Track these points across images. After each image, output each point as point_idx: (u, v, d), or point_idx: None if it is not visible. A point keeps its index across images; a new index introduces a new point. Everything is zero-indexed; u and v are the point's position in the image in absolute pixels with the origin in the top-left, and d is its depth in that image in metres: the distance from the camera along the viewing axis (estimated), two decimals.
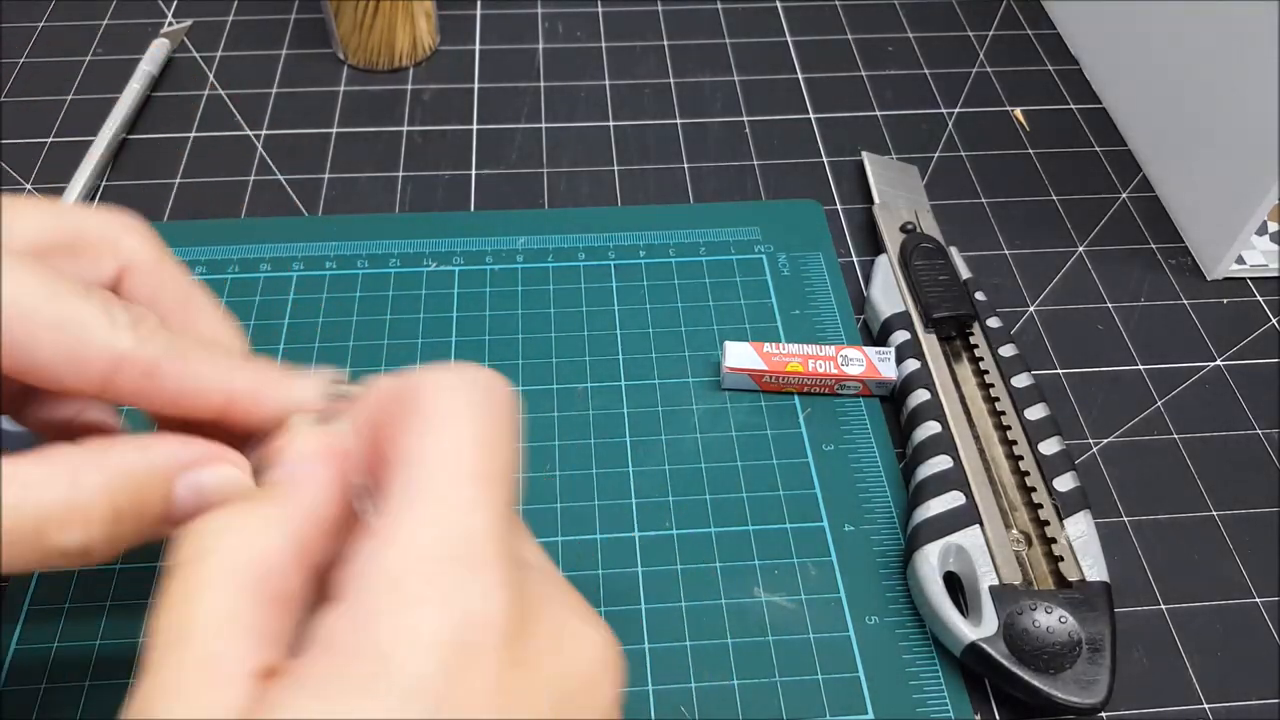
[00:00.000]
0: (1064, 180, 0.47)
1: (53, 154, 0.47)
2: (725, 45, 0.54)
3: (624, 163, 0.47)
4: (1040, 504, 0.33)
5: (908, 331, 0.38)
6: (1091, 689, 0.29)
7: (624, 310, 0.40)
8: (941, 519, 0.32)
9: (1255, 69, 0.39)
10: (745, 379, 0.38)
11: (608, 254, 0.43)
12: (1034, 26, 0.56)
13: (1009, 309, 0.42)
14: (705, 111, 0.50)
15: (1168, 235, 0.45)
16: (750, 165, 0.48)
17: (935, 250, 0.40)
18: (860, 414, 0.37)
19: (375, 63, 0.51)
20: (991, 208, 0.46)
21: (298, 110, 0.49)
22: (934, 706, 0.30)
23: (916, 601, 0.32)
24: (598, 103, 0.51)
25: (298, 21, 0.55)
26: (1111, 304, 0.42)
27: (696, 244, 0.43)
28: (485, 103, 0.50)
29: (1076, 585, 0.31)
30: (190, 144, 0.48)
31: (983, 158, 0.48)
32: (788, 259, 0.43)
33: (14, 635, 0.31)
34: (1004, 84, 0.52)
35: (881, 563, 0.33)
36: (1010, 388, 0.36)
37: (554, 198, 0.46)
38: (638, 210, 0.45)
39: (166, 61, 0.51)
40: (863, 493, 0.35)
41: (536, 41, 0.54)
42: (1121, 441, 0.37)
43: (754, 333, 0.40)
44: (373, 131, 0.48)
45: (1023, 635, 0.30)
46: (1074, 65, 0.53)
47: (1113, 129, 0.50)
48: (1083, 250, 0.44)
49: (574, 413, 0.37)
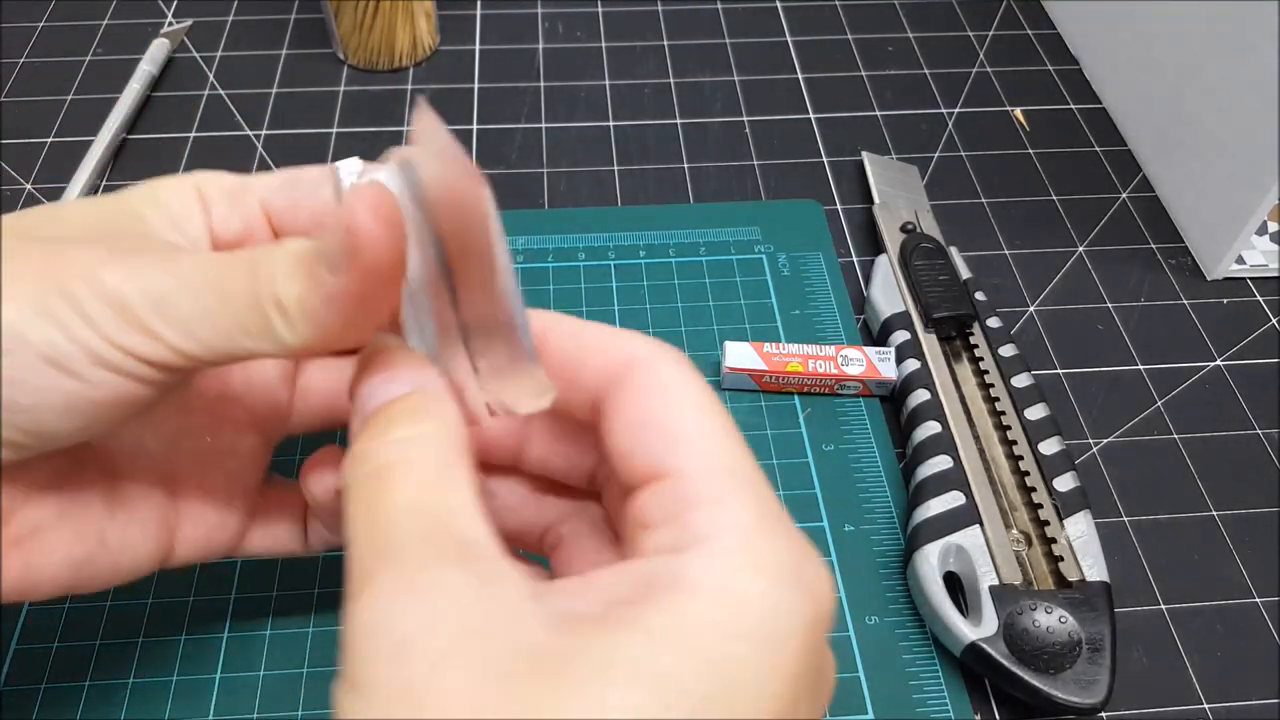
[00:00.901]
0: (1064, 180, 0.47)
1: (53, 154, 0.47)
2: (725, 45, 0.54)
3: (624, 163, 0.47)
4: (1040, 504, 0.33)
5: (908, 331, 0.38)
6: (1091, 689, 0.29)
7: (624, 310, 0.40)
8: (941, 519, 0.32)
9: (1255, 69, 0.39)
10: (745, 379, 0.38)
11: (608, 254, 0.43)
12: (1034, 26, 0.56)
13: (1009, 309, 0.42)
14: (705, 111, 0.50)
15: (1168, 235, 0.45)
16: (750, 165, 0.48)
17: (935, 250, 0.40)
18: (860, 414, 0.37)
19: (375, 63, 0.51)
20: (991, 208, 0.46)
21: (298, 110, 0.49)
22: (934, 706, 0.30)
23: (916, 601, 0.32)
24: (598, 103, 0.51)
25: (298, 21, 0.55)
26: (1111, 304, 0.42)
27: (696, 244, 0.43)
28: (485, 103, 0.50)
29: (1076, 585, 0.31)
30: (190, 144, 0.48)
31: (983, 158, 0.48)
32: (788, 259, 0.43)
33: (14, 635, 0.31)
34: (1004, 84, 0.52)
35: (881, 563, 0.33)
36: (1010, 388, 0.36)
37: (554, 198, 0.46)
38: (638, 210, 0.45)
39: (166, 61, 0.51)
40: (863, 493, 0.35)
41: (536, 41, 0.54)
42: (1121, 441, 0.37)
43: (754, 333, 0.40)
44: (373, 131, 0.48)
45: (1023, 635, 0.30)
46: (1074, 65, 0.53)
47: (1113, 129, 0.50)
48: (1083, 250, 0.44)
49: None
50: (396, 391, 0.20)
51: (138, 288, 0.19)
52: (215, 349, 0.19)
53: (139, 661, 0.30)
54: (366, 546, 0.17)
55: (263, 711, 0.30)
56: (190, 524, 0.25)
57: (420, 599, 0.16)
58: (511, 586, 0.16)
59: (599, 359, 0.20)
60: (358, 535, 0.17)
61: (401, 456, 0.18)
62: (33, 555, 0.21)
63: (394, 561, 0.16)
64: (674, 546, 0.17)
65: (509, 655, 0.15)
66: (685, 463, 0.18)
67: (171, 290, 0.19)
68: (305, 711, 0.30)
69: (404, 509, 0.17)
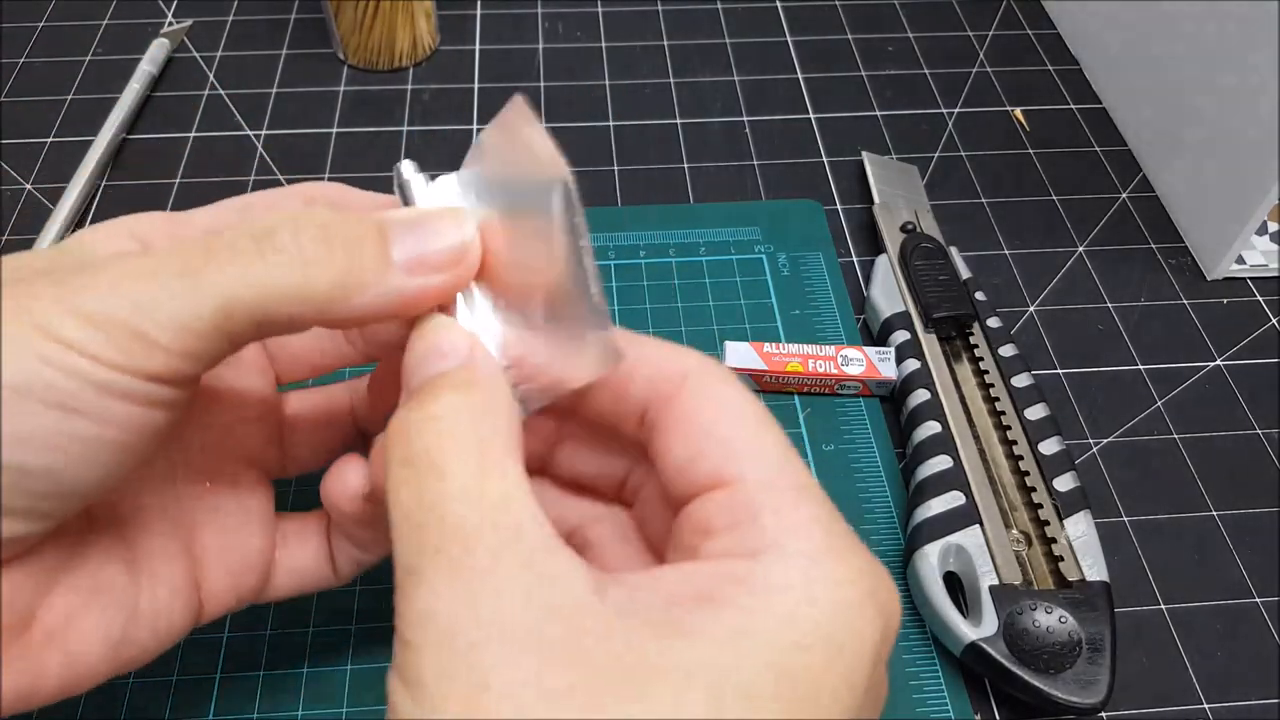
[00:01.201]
0: (1064, 180, 0.47)
1: (53, 154, 0.47)
2: (725, 45, 0.54)
3: (624, 163, 0.47)
4: (1040, 504, 0.33)
5: (908, 331, 0.38)
6: (1091, 689, 0.29)
7: (624, 310, 0.40)
8: (941, 519, 0.32)
9: (1255, 69, 0.39)
10: (745, 379, 0.38)
11: (608, 254, 0.43)
12: (1034, 26, 0.56)
13: (1009, 309, 0.42)
14: (705, 111, 0.50)
15: (1168, 235, 0.45)
16: (750, 165, 0.48)
17: (935, 250, 0.40)
18: (860, 414, 0.37)
19: (375, 63, 0.51)
20: (991, 208, 0.46)
21: (298, 110, 0.49)
22: (934, 706, 0.30)
23: (916, 601, 0.32)
24: (598, 103, 0.51)
25: (298, 21, 0.55)
26: (1111, 304, 0.42)
27: (696, 244, 0.43)
28: (485, 103, 0.50)
29: (1076, 585, 0.31)
30: (190, 144, 0.48)
31: (983, 158, 0.48)
32: (788, 259, 0.43)
33: None
34: (1004, 84, 0.52)
35: (881, 562, 0.33)
36: (1010, 388, 0.36)
37: None
38: (638, 210, 0.45)
39: (166, 61, 0.51)
40: (863, 493, 0.35)
41: (536, 41, 0.54)
42: (1121, 441, 0.37)
43: (754, 333, 0.40)
44: (373, 131, 0.48)
45: (1023, 635, 0.30)
46: (1074, 65, 0.53)
47: (1113, 129, 0.50)
48: (1083, 250, 0.44)
49: None
50: (444, 366, 0.19)
51: (118, 300, 0.17)
52: (217, 330, 0.18)
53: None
54: (415, 539, 0.16)
55: (263, 711, 0.30)
56: (214, 574, 0.24)
57: (481, 593, 0.15)
58: (574, 579, 0.16)
59: (650, 370, 0.20)
60: (405, 525, 0.17)
61: (450, 435, 0.17)
62: (71, 644, 0.20)
63: (447, 555, 0.16)
64: (744, 550, 0.17)
65: (575, 653, 0.15)
66: (751, 471, 0.18)
67: (150, 289, 0.18)
68: (305, 711, 0.30)
69: (454, 496, 0.16)
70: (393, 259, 0.19)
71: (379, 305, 0.19)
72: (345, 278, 0.19)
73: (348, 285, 0.19)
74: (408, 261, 0.19)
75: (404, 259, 0.19)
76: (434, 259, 0.20)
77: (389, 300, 0.19)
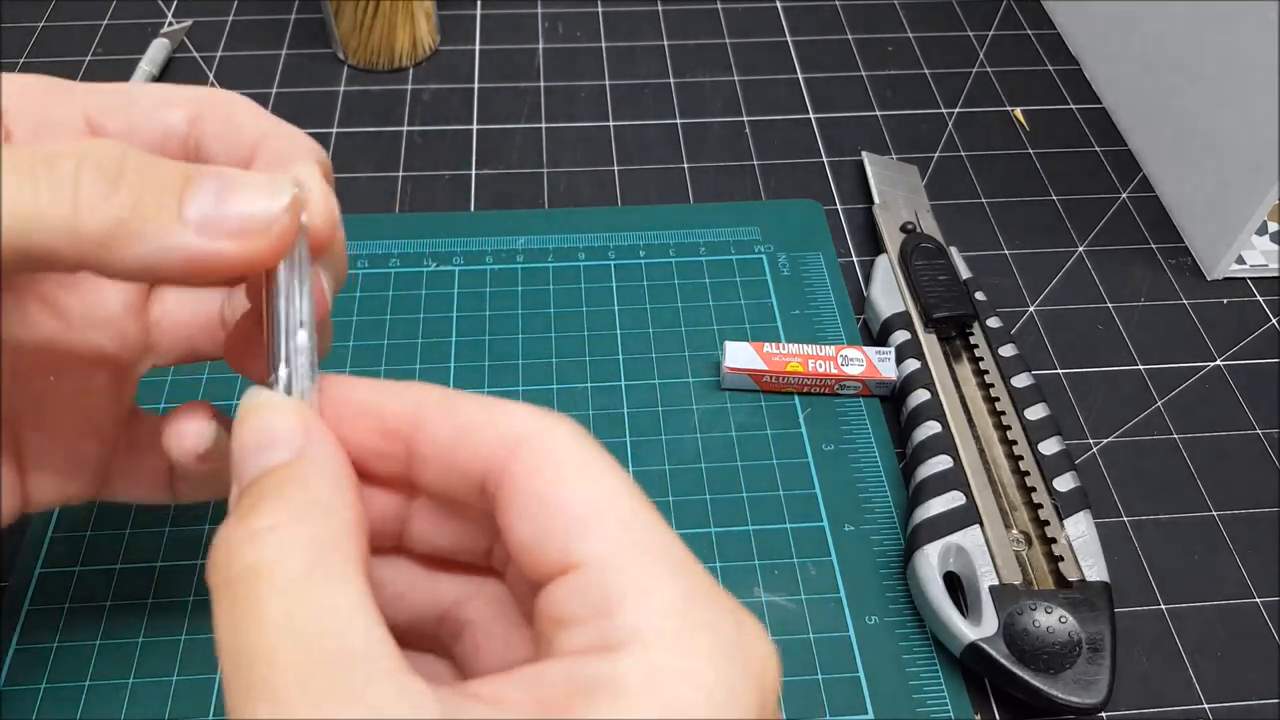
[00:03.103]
0: (1064, 180, 0.47)
1: None
2: (725, 45, 0.54)
3: (624, 163, 0.47)
4: (1040, 504, 0.33)
5: (908, 331, 0.38)
6: (1091, 689, 0.29)
7: (624, 310, 0.40)
8: (941, 519, 0.32)
9: (1255, 69, 0.39)
10: (745, 379, 0.38)
11: (608, 254, 0.43)
12: (1034, 26, 0.56)
13: (1009, 309, 0.42)
14: (705, 111, 0.50)
15: (1168, 235, 0.45)
16: (750, 165, 0.48)
17: (935, 250, 0.40)
18: (860, 414, 0.37)
19: (375, 63, 0.51)
20: (991, 208, 0.46)
21: (298, 110, 0.49)
22: (934, 706, 0.30)
23: (916, 601, 0.32)
24: (598, 103, 0.51)
25: (298, 21, 0.55)
26: (1111, 304, 0.42)
27: (696, 244, 0.43)
28: (485, 103, 0.50)
29: (1076, 585, 0.31)
30: None
31: (983, 158, 0.48)
32: (788, 259, 0.43)
33: (14, 635, 0.31)
34: (1004, 84, 0.52)
35: (881, 563, 0.33)
36: (1010, 388, 0.36)
37: (554, 198, 0.46)
38: (638, 210, 0.45)
39: (166, 61, 0.51)
40: (863, 493, 0.35)
41: (536, 41, 0.54)
42: (1121, 441, 0.37)
43: (754, 333, 0.40)
44: (373, 131, 0.48)
45: (1023, 635, 0.30)
46: (1074, 65, 0.53)
47: (1113, 129, 0.50)
48: (1083, 250, 0.44)
49: (574, 413, 0.37)
50: (273, 459, 0.17)
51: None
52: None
53: (139, 661, 0.30)
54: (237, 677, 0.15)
55: None
56: (40, 469, 0.24)
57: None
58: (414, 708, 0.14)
59: (480, 438, 0.18)
60: (227, 663, 0.15)
61: (274, 556, 0.16)
62: None
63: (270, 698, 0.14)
64: (600, 645, 0.16)
65: None
66: (596, 548, 0.17)
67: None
68: None
69: (277, 625, 0.15)
70: (184, 214, 0.17)
71: (159, 261, 0.17)
72: (120, 225, 0.17)
73: (121, 233, 0.17)
74: (200, 220, 0.17)
75: (197, 216, 0.17)
76: (230, 223, 0.17)
77: (171, 259, 0.17)
